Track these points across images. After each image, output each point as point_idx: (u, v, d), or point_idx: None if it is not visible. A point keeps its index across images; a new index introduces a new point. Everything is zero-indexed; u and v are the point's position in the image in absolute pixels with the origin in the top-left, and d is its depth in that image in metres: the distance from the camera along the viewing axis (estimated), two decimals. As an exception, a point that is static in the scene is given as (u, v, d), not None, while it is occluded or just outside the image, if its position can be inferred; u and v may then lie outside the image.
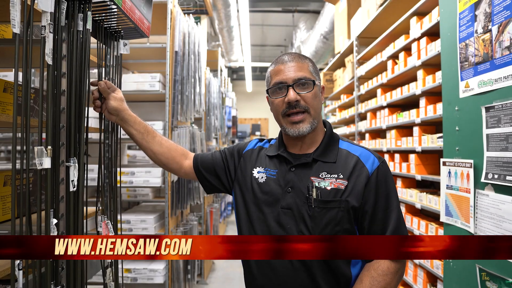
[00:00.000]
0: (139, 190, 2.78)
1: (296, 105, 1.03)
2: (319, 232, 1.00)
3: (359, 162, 1.04)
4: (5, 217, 1.26)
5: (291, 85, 1.03)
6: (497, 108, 1.29)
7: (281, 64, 1.07)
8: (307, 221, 1.00)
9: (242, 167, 1.17)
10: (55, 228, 0.99)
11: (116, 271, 1.44)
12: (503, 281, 1.25)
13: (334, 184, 1.01)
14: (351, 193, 1.00)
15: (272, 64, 1.12)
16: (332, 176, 1.02)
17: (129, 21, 1.37)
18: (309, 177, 1.04)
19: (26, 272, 0.91)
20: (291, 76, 1.04)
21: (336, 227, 0.99)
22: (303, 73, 1.04)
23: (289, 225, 1.02)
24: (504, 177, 1.25)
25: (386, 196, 1.02)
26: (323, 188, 1.01)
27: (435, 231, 2.05)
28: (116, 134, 1.47)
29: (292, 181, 1.05)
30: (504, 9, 1.26)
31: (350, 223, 1.01)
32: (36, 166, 0.93)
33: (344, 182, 1.01)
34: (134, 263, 2.59)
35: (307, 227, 1.00)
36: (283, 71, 1.06)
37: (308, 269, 1.00)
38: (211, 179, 1.23)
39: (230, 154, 1.23)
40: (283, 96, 1.05)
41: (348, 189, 1.00)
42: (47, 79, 0.99)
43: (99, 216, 1.33)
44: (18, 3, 0.86)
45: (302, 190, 1.02)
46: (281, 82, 1.05)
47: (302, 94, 1.03)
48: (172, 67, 2.55)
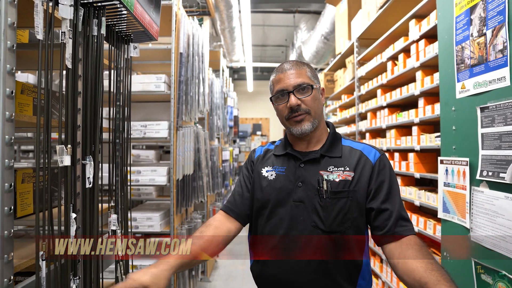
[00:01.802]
0: (143, 189, 2.83)
1: (298, 109, 1.12)
2: (331, 221, 1.07)
3: (363, 155, 1.14)
4: (23, 213, 1.32)
5: (292, 91, 1.12)
6: (491, 109, 1.35)
7: (281, 73, 1.17)
8: (319, 211, 1.08)
9: (255, 171, 1.26)
10: (74, 222, 1.05)
11: (127, 265, 1.50)
12: (497, 273, 1.31)
13: (342, 176, 1.10)
14: (357, 183, 1.10)
15: (273, 73, 1.20)
16: (339, 169, 1.12)
17: (140, 25, 1.43)
18: (318, 171, 1.12)
19: (48, 263, 0.97)
20: (291, 83, 1.13)
21: (346, 215, 1.08)
22: (302, 79, 1.14)
23: (302, 217, 1.10)
24: (498, 174, 1.31)
25: (389, 182, 1.11)
26: (332, 180, 1.10)
27: (433, 227, 2.12)
28: (127, 134, 1.53)
29: (303, 176, 1.13)
30: (498, 14, 1.32)
31: (359, 212, 1.09)
32: (58, 163, 0.99)
33: (351, 173, 1.11)
34: (140, 260, 2.65)
35: (320, 217, 1.08)
36: (283, 79, 1.15)
37: (322, 255, 1.07)
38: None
39: (247, 170, 1.29)
40: (285, 102, 1.14)
41: (355, 180, 1.10)
42: (66, 82, 1.05)
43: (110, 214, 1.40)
44: (41, 11, 0.93)
45: (313, 183, 1.11)
46: (282, 90, 1.14)
47: (302, 98, 1.12)
48: (177, 68, 2.61)
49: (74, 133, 1.11)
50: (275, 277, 1.11)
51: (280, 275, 1.10)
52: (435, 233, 2.10)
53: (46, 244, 0.95)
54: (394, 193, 1.11)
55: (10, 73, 0.87)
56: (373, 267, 3.23)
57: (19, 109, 1.29)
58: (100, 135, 1.24)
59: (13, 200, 0.89)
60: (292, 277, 1.09)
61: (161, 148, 3.78)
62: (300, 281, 1.08)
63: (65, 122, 1.06)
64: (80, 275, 1.16)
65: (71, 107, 1.06)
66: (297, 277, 1.08)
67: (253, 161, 1.29)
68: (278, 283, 1.11)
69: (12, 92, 0.87)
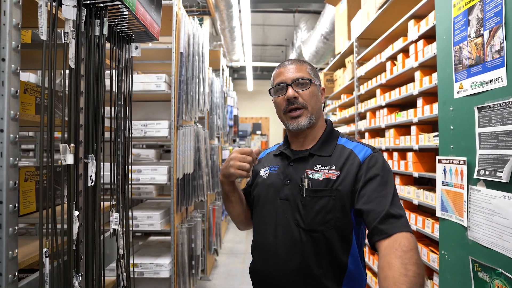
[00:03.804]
0: (142, 188, 2.86)
1: (294, 102, 1.14)
2: (311, 219, 1.07)
3: (352, 154, 1.11)
4: (25, 211, 1.34)
5: (290, 84, 1.14)
6: (488, 108, 1.37)
7: (282, 67, 1.20)
8: (300, 209, 1.09)
9: (256, 171, 1.30)
10: (77, 219, 1.07)
11: (128, 263, 1.52)
12: (494, 271, 1.33)
13: (326, 174, 1.09)
14: (342, 182, 1.06)
15: (275, 70, 1.24)
16: (325, 168, 1.11)
17: (141, 25, 1.45)
18: (304, 170, 1.13)
19: (51, 260, 0.99)
20: (290, 77, 1.16)
21: (328, 215, 1.06)
22: (301, 73, 1.16)
23: (286, 214, 1.12)
24: (495, 173, 1.33)
25: (380, 179, 1.04)
26: (315, 179, 1.09)
27: (431, 226, 2.13)
28: (127, 133, 1.55)
29: (290, 174, 1.15)
30: (495, 15, 1.34)
31: (343, 211, 1.06)
32: (60, 162, 1.01)
33: (336, 172, 1.08)
34: (141, 258, 2.67)
35: (301, 215, 1.09)
36: (283, 73, 1.18)
37: (303, 253, 1.07)
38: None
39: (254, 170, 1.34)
40: (283, 94, 1.16)
41: (340, 179, 1.07)
42: (69, 82, 1.06)
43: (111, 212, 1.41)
44: (45, 12, 0.94)
45: (298, 182, 1.12)
46: (281, 82, 1.17)
47: (300, 92, 1.14)
48: (177, 67, 2.62)
49: (77, 132, 1.12)
50: (263, 273, 1.14)
51: (267, 271, 1.12)
52: (433, 231, 2.12)
53: (49, 241, 0.97)
54: (385, 192, 1.02)
55: (15, 73, 0.88)
56: (372, 265, 3.24)
57: (22, 108, 1.31)
58: (102, 134, 1.25)
59: (17, 198, 0.91)
60: (276, 274, 1.10)
61: (161, 147, 3.80)
62: (284, 278, 1.08)
63: (68, 121, 1.07)
64: (82, 272, 1.17)
65: (74, 107, 1.08)
66: (280, 273, 1.09)
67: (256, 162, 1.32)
68: (265, 279, 1.13)
69: (17, 92, 0.89)
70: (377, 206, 0.99)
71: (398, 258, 0.86)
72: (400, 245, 0.89)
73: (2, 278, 0.84)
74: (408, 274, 0.81)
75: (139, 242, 3.17)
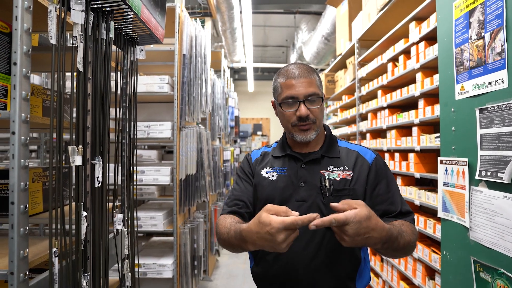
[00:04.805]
0: (145, 189, 2.86)
1: (306, 119, 1.14)
2: None
3: (360, 156, 1.20)
4: (33, 211, 1.35)
5: (303, 100, 1.13)
6: (489, 110, 1.39)
7: (292, 78, 1.16)
8: (322, 209, 1.11)
9: (255, 173, 1.27)
10: (84, 220, 1.08)
11: (133, 263, 1.54)
12: (495, 271, 1.35)
13: (342, 175, 1.16)
14: (356, 182, 1.16)
15: (281, 76, 1.19)
16: (339, 169, 1.17)
17: (146, 28, 1.47)
18: (319, 171, 1.16)
19: (60, 259, 1.00)
20: (302, 92, 1.13)
21: None
22: (312, 89, 1.15)
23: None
24: (496, 174, 1.34)
25: (387, 180, 1.18)
26: (333, 179, 1.15)
27: (433, 226, 2.15)
28: (133, 134, 1.56)
29: (305, 176, 1.17)
30: (496, 18, 1.35)
31: None
32: (70, 163, 1.03)
33: (350, 173, 1.16)
34: (144, 258, 2.69)
35: (323, 215, 1.09)
36: (295, 86, 1.14)
37: (327, 251, 1.12)
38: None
39: (245, 174, 1.28)
40: (294, 110, 1.15)
41: (354, 179, 1.16)
42: (77, 84, 1.08)
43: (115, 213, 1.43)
44: (54, 17, 0.96)
45: (315, 183, 1.15)
46: (292, 97, 1.14)
47: (311, 108, 1.15)
48: (180, 69, 2.64)
49: (84, 134, 1.14)
50: (279, 276, 1.14)
51: (285, 273, 1.13)
52: (435, 232, 2.14)
53: (58, 241, 0.99)
54: (394, 191, 1.18)
55: (26, 77, 0.90)
56: (374, 266, 3.26)
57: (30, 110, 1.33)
58: (108, 136, 1.27)
59: (27, 198, 0.93)
60: (296, 275, 1.11)
61: (163, 148, 3.81)
62: (305, 277, 1.11)
63: (75, 123, 1.09)
64: (89, 271, 1.19)
65: (82, 109, 1.10)
66: (301, 274, 1.11)
67: (251, 164, 1.30)
68: (282, 282, 1.14)
69: (28, 95, 0.90)
70: (390, 206, 1.15)
71: (399, 221, 1.09)
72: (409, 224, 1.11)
73: (14, 277, 0.86)
74: (414, 232, 1.09)
75: (142, 243, 3.18)
